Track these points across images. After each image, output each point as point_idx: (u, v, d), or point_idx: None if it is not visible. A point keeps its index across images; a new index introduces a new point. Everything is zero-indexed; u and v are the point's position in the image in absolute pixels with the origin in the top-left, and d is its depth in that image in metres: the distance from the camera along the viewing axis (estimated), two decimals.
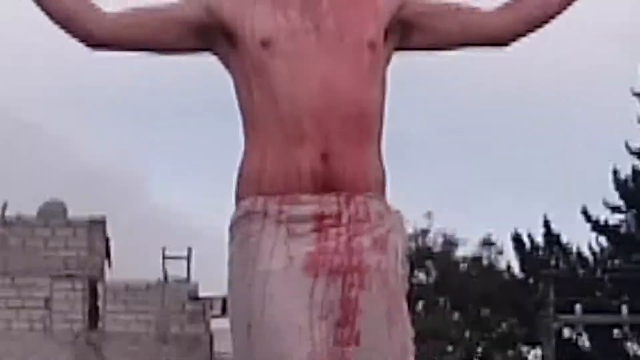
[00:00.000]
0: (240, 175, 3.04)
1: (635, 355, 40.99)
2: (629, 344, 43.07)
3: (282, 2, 3.05)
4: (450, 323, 47.88)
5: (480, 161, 76.44)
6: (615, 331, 42.18)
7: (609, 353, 39.94)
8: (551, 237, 43.07)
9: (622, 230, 40.22)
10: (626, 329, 41.03)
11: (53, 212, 24.14)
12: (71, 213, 24.29)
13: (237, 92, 3.11)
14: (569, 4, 3.25)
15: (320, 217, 2.90)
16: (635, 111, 36.61)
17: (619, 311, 37.43)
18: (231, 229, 3.06)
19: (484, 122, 76.29)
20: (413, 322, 3.21)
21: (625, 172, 37.48)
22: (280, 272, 2.82)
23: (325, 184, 2.90)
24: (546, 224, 42.37)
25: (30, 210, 24.50)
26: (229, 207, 3.18)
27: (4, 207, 24.26)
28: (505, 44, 3.28)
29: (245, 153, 3.05)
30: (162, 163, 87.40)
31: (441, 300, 49.11)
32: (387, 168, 3.17)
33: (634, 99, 37.20)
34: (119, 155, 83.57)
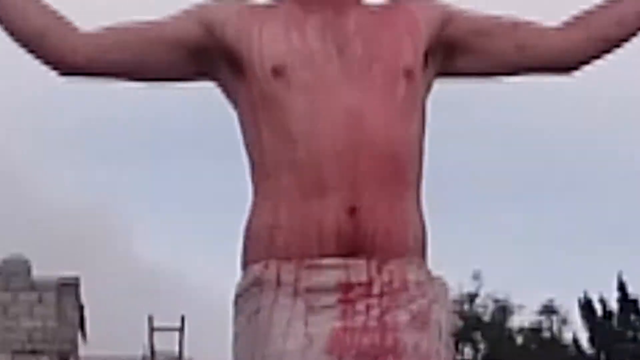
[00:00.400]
0: (247, 234, 3.02)
1: None
2: None
3: (298, 20, 3.05)
4: None
5: (540, 210, 75.35)
6: None
7: None
8: (627, 302, 42.92)
9: None
10: None
11: (14, 272, 24.29)
12: (36, 272, 24.36)
13: (243, 129, 3.12)
14: None
15: (346, 287, 2.85)
16: None
17: None
18: (237, 300, 3.02)
19: (545, 163, 75.62)
20: None
21: None
22: (297, 354, 2.80)
23: (352, 245, 2.86)
24: (621, 287, 42.36)
25: None
26: (232, 266, 3.20)
27: None
28: (573, 69, 3.27)
29: (254, 206, 3.02)
30: (148, 210, 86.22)
31: None
32: (427, 220, 3.16)
33: None
34: (94, 200, 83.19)
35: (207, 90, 3.29)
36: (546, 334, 50.49)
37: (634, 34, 3.28)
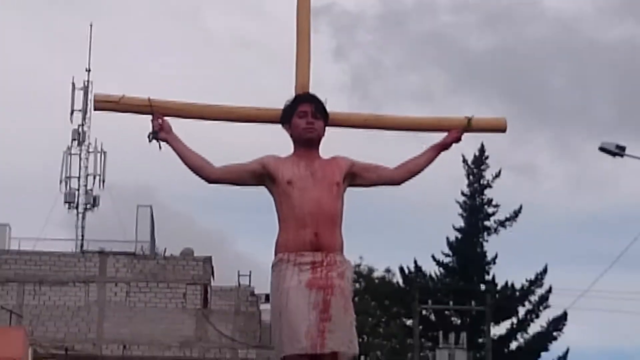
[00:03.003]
0: (277, 243, 3.71)
1: None
2: None
3: (296, 162, 3.70)
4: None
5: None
6: None
7: None
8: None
9: None
10: None
11: None
12: None
13: (275, 205, 3.75)
14: (431, 162, 3.98)
15: (313, 263, 3.58)
16: None
17: None
18: (272, 267, 3.70)
19: None
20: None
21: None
22: (295, 287, 3.54)
23: (316, 248, 3.59)
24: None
25: None
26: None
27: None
28: (399, 184, 4.00)
29: (279, 233, 3.71)
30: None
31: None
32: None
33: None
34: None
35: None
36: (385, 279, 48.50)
37: (424, 169, 3.96)
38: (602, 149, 19.20)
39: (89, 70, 30.07)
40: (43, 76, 56.63)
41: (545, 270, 39.57)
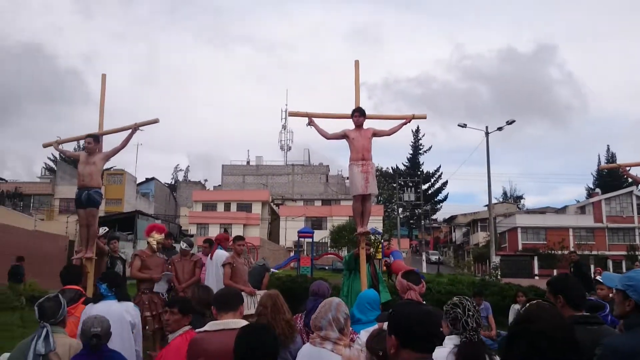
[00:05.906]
0: (350, 158, 7.63)
1: None
2: None
3: (354, 130, 7.59)
4: None
5: None
6: None
7: None
8: None
9: None
10: None
11: None
12: None
13: (349, 146, 7.68)
14: (400, 129, 7.77)
15: (362, 164, 7.62)
16: None
17: None
18: (349, 166, 7.71)
19: None
20: None
21: None
22: (357, 172, 7.56)
23: (363, 159, 7.56)
24: None
25: None
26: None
27: None
28: (390, 135, 7.64)
29: (350, 155, 7.61)
30: None
31: None
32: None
33: None
34: None
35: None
36: None
37: (398, 131, 7.78)
38: (459, 125, 38.88)
39: (287, 105, 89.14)
40: (267, 103, 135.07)
41: (440, 167, 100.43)
